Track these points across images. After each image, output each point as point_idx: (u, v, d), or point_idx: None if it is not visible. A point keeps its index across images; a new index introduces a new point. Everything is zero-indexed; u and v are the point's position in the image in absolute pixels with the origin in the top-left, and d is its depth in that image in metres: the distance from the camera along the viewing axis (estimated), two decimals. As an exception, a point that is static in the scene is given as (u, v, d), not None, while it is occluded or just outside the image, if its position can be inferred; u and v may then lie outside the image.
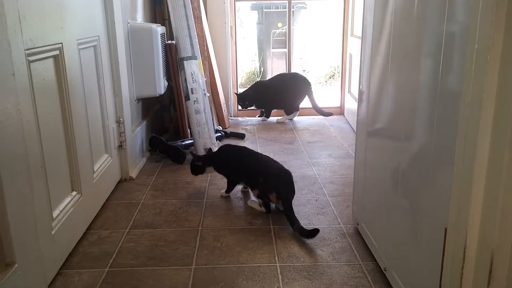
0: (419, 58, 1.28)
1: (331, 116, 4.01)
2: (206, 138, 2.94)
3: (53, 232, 1.61)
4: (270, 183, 2.12)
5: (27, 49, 1.44)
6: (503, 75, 0.92)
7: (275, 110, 4.05)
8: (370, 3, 1.71)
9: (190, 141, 3.05)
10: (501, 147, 0.95)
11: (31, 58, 1.47)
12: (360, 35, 1.88)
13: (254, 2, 5.75)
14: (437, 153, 1.16)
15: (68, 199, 1.78)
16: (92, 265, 1.73)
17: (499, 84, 0.92)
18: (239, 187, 2.40)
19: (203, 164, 2.36)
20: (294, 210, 2.03)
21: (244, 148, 2.42)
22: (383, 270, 1.63)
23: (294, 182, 2.17)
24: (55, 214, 1.65)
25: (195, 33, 3.07)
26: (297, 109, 4.00)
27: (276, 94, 3.92)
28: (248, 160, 2.27)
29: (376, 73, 1.68)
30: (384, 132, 1.63)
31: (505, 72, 0.91)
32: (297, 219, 1.97)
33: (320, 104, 4.01)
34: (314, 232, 1.87)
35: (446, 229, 1.08)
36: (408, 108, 1.36)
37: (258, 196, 2.16)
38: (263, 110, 4.05)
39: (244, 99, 3.91)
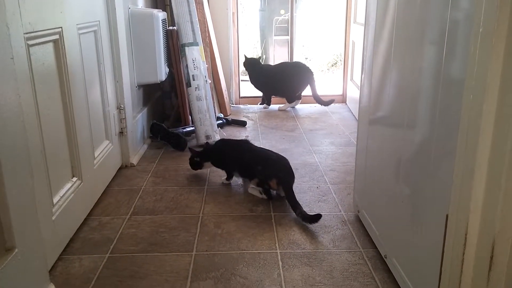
0: (422, 45, 1.27)
1: (332, 104, 3.96)
2: (207, 125, 2.93)
3: (53, 218, 1.61)
4: (269, 170, 2.13)
5: (27, 33, 1.42)
6: (508, 58, 0.90)
7: (277, 98, 4.03)
8: (373, -12, 1.69)
9: (191, 128, 3.04)
10: (505, 132, 0.94)
11: (30, 42, 1.46)
12: (363, 22, 1.86)
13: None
14: (439, 140, 1.15)
15: (68, 185, 1.78)
16: (92, 250, 1.73)
17: (503, 68, 0.90)
18: (240, 174, 2.41)
19: (201, 160, 2.40)
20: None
21: (240, 141, 2.45)
22: (383, 257, 1.63)
23: (293, 168, 2.18)
24: (55, 200, 1.65)
25: (197, 19, 3.04)
26: (299, 97, 3.98)
27: (277, 82, 3.90)
28: (244, 152, 2.28)
29: (378, 60, 1.66)
30: (386, 119, 1.62)
31: (510, 56, 0.90)
32: (299, 204, 1.98)
33: (322, 92, 3.99)
34: (317, 217, 1.87)
35: (447, 216, 1.07)
36: (410, 96, 1.35)
37: (258, 184, 2.16)
38: (264, 97, 4.04)
39: (247, 70, 3.96)
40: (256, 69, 3.93)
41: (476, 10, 0.93)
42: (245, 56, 3.94)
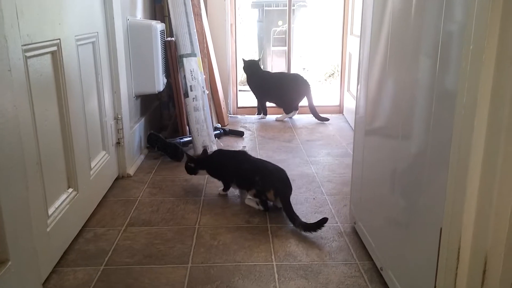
0: (416, 58, 1.28)
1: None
2: (205, 136, 2.93)
3: (48, 229, 1.61)
4: (266, 181, 2.12)
5: (24, 45, 1.43)
6: (498, 75, 0.91)
7: (274, 109, 4.05)
8: (369, 2, 1.71)
9: (189, 139, 3.04)
10: (496, 147, 0.95)
11: (28, 54, 1.47)
12: (359, 34, 1.87)
13: (254, 0, 5.74)
14: (433, 153, 1.16)
15: (64, 196, 1.78)
16: (87, 262, 1.72)
17: (493, 84, 0.92)
18: (236, 185, 2.40)
19: (195, 166, 2.38)
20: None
21: (237, 151, 2.45)
22: (379, 269, 1.63)
23: (290, 179, 2.17)
24: (50, 211, 1.65)
25: (195, 30, 3.06)
26: (296, 108, 4.00)
27: (273, 89, 3.92)
28: (242, 163, 2.27)
29: (374, 72, 1.67)
30: (382, 131, 1.62)
31: (500, 72, 0.91)
32: (297, 215, 1.98)
33: (319, 102, 4.01)
34: (321, 222, 1.88)
35: (441, 229, 1.08)
36: (405, 108, 1.36)
37: (255, 196, 2.16)
38: (260, 107, 4.05)
39: (246, 72, 3.98)
40: (255, 71, 3.95)
41: (467, 28, 0.94)
42: (243, 60, 3.95)
